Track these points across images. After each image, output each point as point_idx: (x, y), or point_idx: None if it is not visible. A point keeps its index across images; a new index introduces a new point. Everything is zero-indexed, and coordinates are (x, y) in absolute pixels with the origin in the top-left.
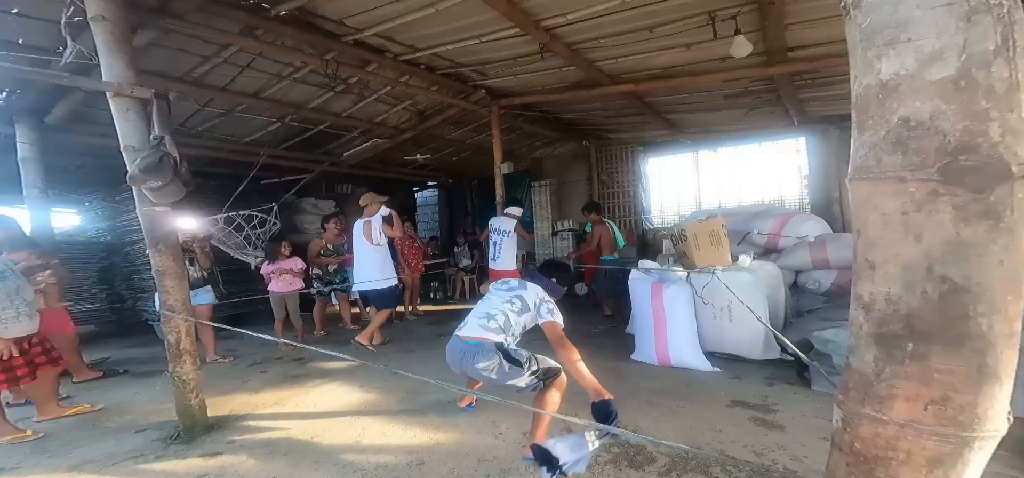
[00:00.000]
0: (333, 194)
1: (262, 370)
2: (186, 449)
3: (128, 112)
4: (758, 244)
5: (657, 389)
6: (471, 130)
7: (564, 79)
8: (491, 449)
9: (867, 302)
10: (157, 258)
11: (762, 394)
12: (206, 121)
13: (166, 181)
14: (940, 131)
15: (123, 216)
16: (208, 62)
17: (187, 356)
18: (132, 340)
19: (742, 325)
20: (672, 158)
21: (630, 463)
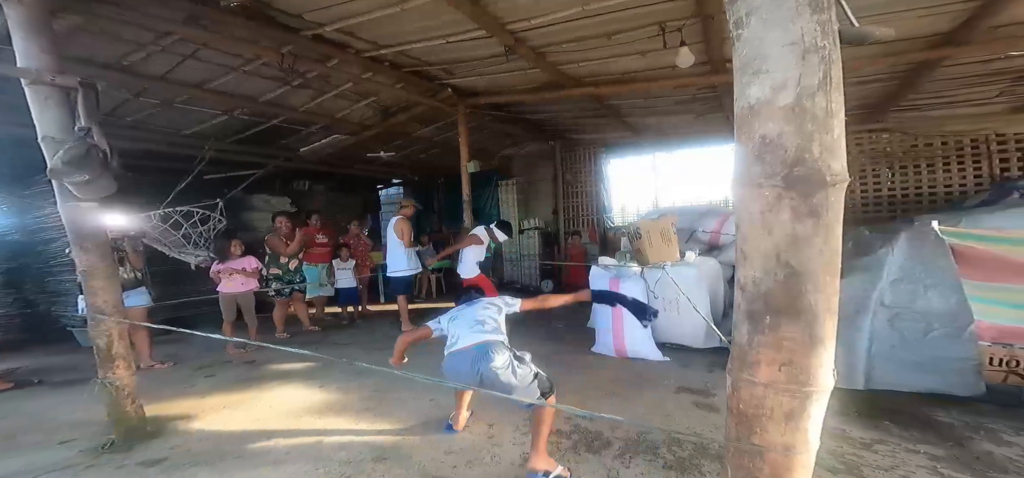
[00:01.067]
0: (289, 191)
1: (208, 375)
2: (123, 458)
3: (48, 101)
4: (702, 241)
5: (614, 379)
6: (438, 128)
7: (531, 80)
8: (456, 440)
9: (742, 285)
10: (83, 257)
11: (703, 380)
12: (139, 111)
13: (94, 175)
14: (784, 147)
15: (35, 213)
16: (143, 49)
17: (120, 360)
18: (48, 348)
19: (688, 317)
20: (632, 160)
21: (588, 448)
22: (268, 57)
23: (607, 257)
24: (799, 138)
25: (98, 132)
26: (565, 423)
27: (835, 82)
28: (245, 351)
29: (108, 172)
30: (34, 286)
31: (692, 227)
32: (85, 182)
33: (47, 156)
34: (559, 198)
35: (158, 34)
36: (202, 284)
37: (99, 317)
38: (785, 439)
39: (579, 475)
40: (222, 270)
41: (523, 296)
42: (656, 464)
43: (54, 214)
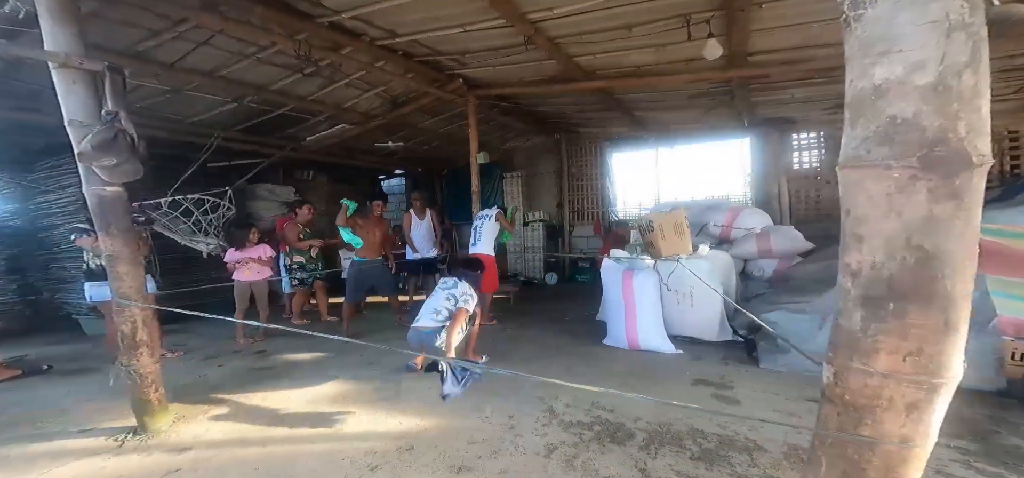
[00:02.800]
0: (292, 180)
1: (219, 364)
2: (147, 446)
3: (74, 85)
4: (713, 235)
5: (628, 371)
6: (443, 120)
7: (541, 72)
8: (478, 430)
9: (854, 270)
10: (109, 242)
11: (719, 372)
12: (147, 98)
13: (122, 160)
14: (920, 127)
15: (38, 198)
16: (157, 36)
17: (144, 348)
18: (51, 336)
19: (701, 310)
20: (635, 153)
21: (612, 438)
22: (283, 45)
23: (619, 250)
24: (941, 118)
25: (125, 116)
26: (585, 414)
27: (983, 60)
28: (254, 340)
29: (135, 157)
30: (38, 273)
31: (701, 221)
32: (113, 166)
33: (74, 140)
34: (564, 191)
35: (174, 21)
36: (209, 272)
37: (124, 303)
38: (904, 431)
39: (606, 465)
40: (239, 258)
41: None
42: (683, 455)
43: (57, 200)
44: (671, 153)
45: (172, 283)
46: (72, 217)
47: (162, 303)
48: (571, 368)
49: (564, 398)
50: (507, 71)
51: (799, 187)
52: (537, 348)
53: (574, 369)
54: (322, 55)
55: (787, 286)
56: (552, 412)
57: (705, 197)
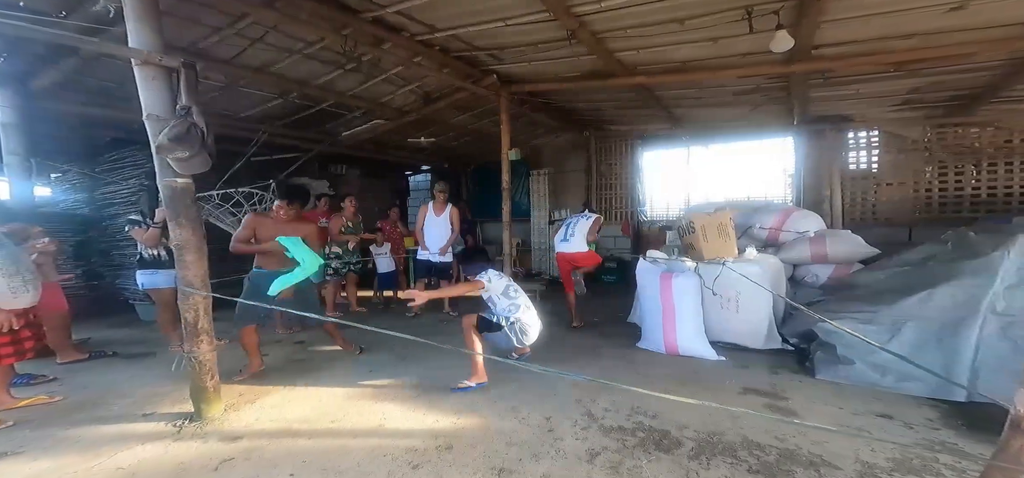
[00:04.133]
0: (327, 174)
1: (265, 353)
2: (203, 432)
3: (153, 81)
4: (759, 238)
5: (668, 376)
6: (474, 116)
7: (578, 68)
8: (516, 432)
9: None
10: (178, 232)
11: (770, 382)
12: (205, 94)
13: (193, 152)
14: None
15: (102, 188)
16: (218, 33)
17: (205, 336)
18: (111, 320)
19: (747, 315)
20: (666, 152)
21: (657, 446)
22: (330, 40)
23: (656, 250)
24: None
25: (197, 111)
26: (627, 420)
27: None
28: (293, 330)
29: (205, 150)
30: (100, 259)
31: (746, 223)
32: (185, 159)
33: (151, 134)
34: (592, 189)
35: (235, 17)
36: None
37: (189, 291)
38: None
39: (655, 474)
40: None
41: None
42: (739, 468)
43: (119, 191)
44: (706, 152)
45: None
46: (132, 207)
47: None
48: (608, 371)
49: (602, 401)
50: (543, 67)
51: (854, 189)
52: (571, 349)
53: (611, 372)
54: (364, 50)
55: (849, 293)
56: (591, 415)
57: (744, 198)
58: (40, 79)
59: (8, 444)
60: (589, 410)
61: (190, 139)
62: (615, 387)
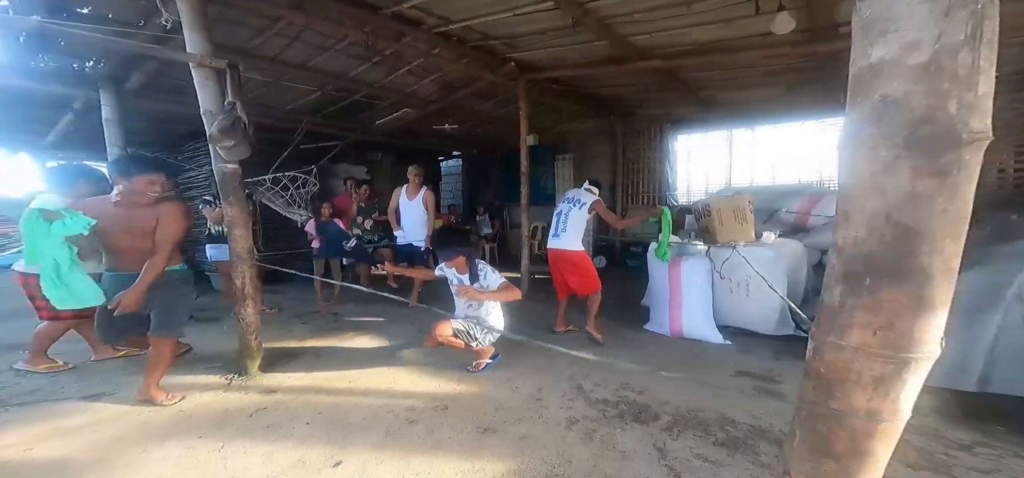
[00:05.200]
0: (364, 161)
1: (303, 322)
2: (247, 385)
3: (206, 81)
4: (785, 222)
5: (666, 357)
6: (496, 104)
7: (593, 54)
8: (507, 400)
9: (840, 246)
10: (229, 210)
11: (768, 366)
12: (254, 90)
13: (238, 141)
14: (909, 107)
15: (183, 174)
16: (261, 34)
17: (250, 301)
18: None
19: (757, 301)
20: (703, 136)
21: (635, 418)
22: (354, 36)
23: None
24: (930, 98)
25: (240, 106)
26: (613, 394)
27: (987, 38)
28: (329, 303)
29: (247, 140)
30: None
31: (773, 207)
32: (231, 147)
33: (206, 126)
34: (618, 175)
35: (272, 19)
36: (296, 241)
37: (238, 260)
38: (871, 405)
39: (623, 441)
40: (313, 229)
41: None
42: (707, 441)
43: (196, 175)
44: (748, 135)
45: (272, 248)
46: (204, 189)
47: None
48: (605, 351)
49: (595, 377)
50: (558, 54)
51: None
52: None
53: (612, 351)
54: (386, 44)
55: None
56: (580, 389)
57: (786, 182)
58: (131, 81)
59: (105, 386)
60: (580, 384)
61: (235, 130)
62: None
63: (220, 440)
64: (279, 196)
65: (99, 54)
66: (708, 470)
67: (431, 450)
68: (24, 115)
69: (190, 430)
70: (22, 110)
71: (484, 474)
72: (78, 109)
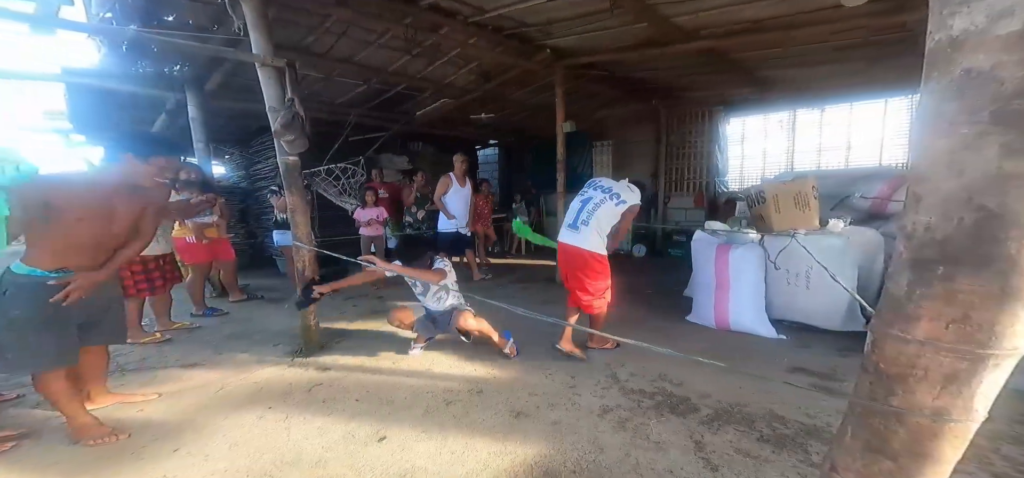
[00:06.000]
0: (406, 151)
1: (354, 304)
2: (305, 362)
3: (269, 79)
4: (859, 209)
5: (707, 349)
6: (532, 91)
7: (631, 37)
8: (540, 385)
9: (909, 231)
10: (290, 198)
11: (830, 364)
12: (310, 86)
13: (297, 135)
14: (998, 80)
15: (254, 166)
16: (313, 32)
17: None
18: (262, 271)
19: (820, 293)
20: (761, 119)
21: (672, 409)
22: (394, 30)
23: (715, 221)
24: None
25: (298, 101)
26: (649, 385)
27: None
28: (376, 287)
29: (304, 134)
30: (254, 222)
31: (844, 193)
32: (292, 141)
33: (271, 121)
34: (660, 160)
35: (321, 17)
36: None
37: (299, 245)
38: (938, 403)
39: (658, 432)
40: (364, 217)
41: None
42: (750, 436)
43: (264, 167)
44: (815, 116)
45: (326, 234)
46: (271, 181)
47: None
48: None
49: (630, 367)
50: (595, 38)
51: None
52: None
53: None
54: (424, 36)
55: None
56: (615, 378)
57: (863, 165)
58: (209, 82)
59: (196, 357)
60: (614, 373)
61: (294, 125)
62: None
63: (285, 412)
64: (332, 186)
65: (183, 58)
66: (750, 465)
67: (467, 430)
68: (130, 117)
69: (261, 401)
70: (128, 112)
71: (516, 456)
72: (170, 109)
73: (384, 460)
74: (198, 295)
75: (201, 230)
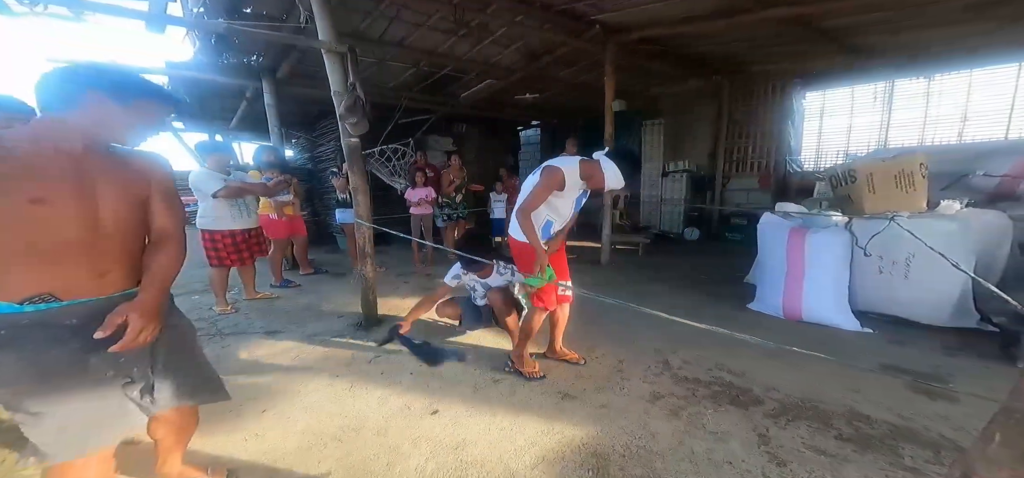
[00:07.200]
0: (450, 133)
1: (405, 280)
2: (366, 336)
3: (334, 64)
4: (981, 189)
5: (780, 342)
6: (580, 69)
7: (695, 7)
8: (587, 368)
9: None
10: (352, 178)
11: (933, 362)
12: (364, 70)
13: (359, 118)
14: None
15: (318, 148)
16: (369, 16)
17: (368, 259)
18: (324, 247)
19: (922, 284)
20: (845, 91)
21: (732, 400)
22: (443, 11)
23: (788, 203)
24: None
25: (359, 85)
26: (706, 374)
27: None
28: (424, 263)
29: (365, 117)
30: (318, 201)
31: (960, 171)
32: (355, 123)
33: (336, 105)
34: (721, 139)
35: (376, 1)
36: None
37: (361, 223)
38: None
39: (716, 422)
40: (414, 196)
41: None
42: (826, 433)
43: (326, 150)
44: (920, 86)
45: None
46: (332, 162)
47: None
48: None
49: (683, 354)
50: (652, 10)
51: None
52: (662, 305)
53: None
54: (472, 16)
55: None
56: (666, 364)
57: (986, 139)
58: (280, 70)
59: (276, 325)
60: (666, 359)
61: (356, 108)
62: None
63: (350, 380)
64: (384, 166)
65: (260, 48)
66: (825, 464)
67: (514, 409)
68: (218, 105)
69: (329, 369)
70: (216, 100)
71: (564, 436)
72: (249, 97)
73: (437, 433)
74: (277, 268)
75: (281, 207)
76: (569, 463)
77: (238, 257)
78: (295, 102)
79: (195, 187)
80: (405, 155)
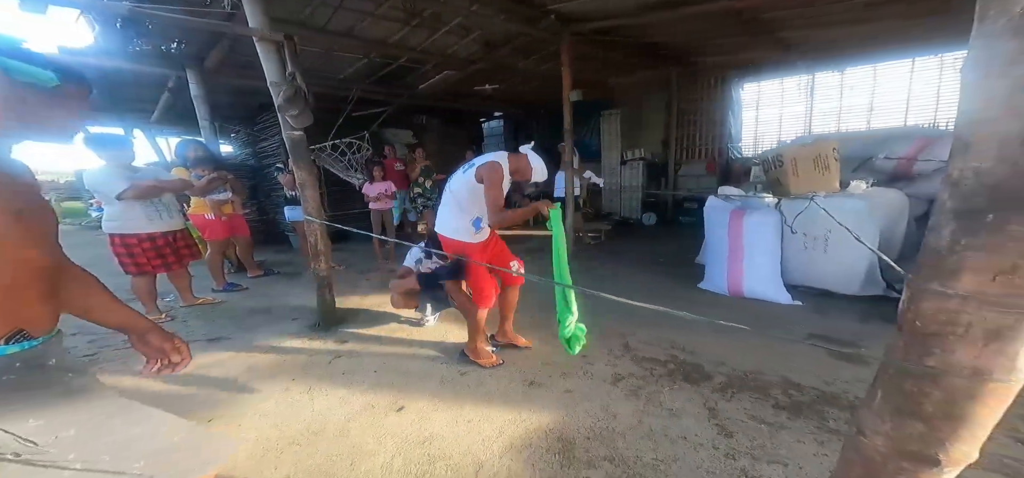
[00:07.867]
0: (411, 125)
1: (367, 277)
2: (324, 335)
3: (268, 53)
4: (883, 170)
5: (718, 317)
6: (540, 59)
7: None
8: (553, 355)
9: (955, 179)
10: (298, 173)
11: (850, 330)
12: (309, 61)
13: (300, 110)
14: None
15: (260, 143)
16: (310, 4)
17: (322, 256)
18: (274, 247)
19: (838, 257)
20: (777, 83)
21: (685, 377)
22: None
23: (729, 187)
24: None
25: (299, 75)
26: (662, 353)
27: None
28: (387, 258)
29: (307, 108)
30: (265, 199)
31: (866, 155)
32: (296, 115)
33: (273, 96)
34: (672, 128)
35: None
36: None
37: (310, 219)
38: (979, 362)
39: (672, 399)
40: (372, 191)
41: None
42: (765, 403)
43: (270, 145)
44: (835, 79)
45: (337, 210)
46: (277, 158)
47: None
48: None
49: (642, 335)
50: (604, 2)
51: None
52: (620, 288)
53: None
54: (424, 5)
55: None
56: (627, 347)
57: (887, 126)
58: (209, 59)
59: (220, 331)
60: (627, 342)
61: (297, 99)
62: (653, 322)
63: (308, 384)
64: (338, 161)
65: (180, 34)
66: (765, 432)
67: (482, 400)
68: (132, 95)
69: (285, 373)
70: (131, 90)
71: (530, 423)
72: (172, 88)
73: (404, 429)
74: (218, 271)
75: (218, 206)
76: (536, 449)
77: (162, 262)
78: (230, 93)
79: (94, 188)
80: (360, 149)
